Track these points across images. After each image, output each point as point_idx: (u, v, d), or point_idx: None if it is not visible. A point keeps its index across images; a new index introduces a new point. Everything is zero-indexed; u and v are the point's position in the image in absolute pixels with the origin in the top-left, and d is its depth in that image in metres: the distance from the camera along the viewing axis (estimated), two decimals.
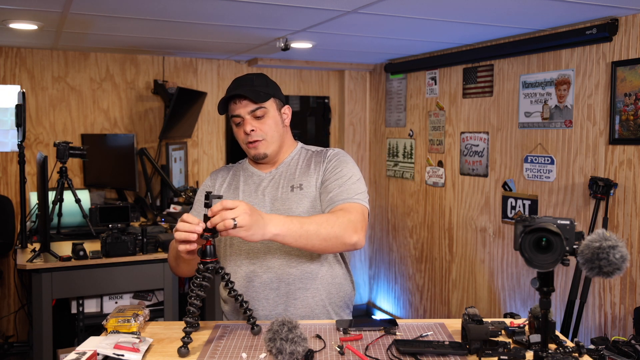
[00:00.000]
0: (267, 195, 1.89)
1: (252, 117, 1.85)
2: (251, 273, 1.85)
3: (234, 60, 4.95)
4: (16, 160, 4.19)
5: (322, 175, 1.88)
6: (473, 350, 1.49)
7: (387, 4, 2.78)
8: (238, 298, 1.66)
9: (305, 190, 1.87)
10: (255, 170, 1.97)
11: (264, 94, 1.85)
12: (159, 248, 3.35)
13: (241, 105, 1.84)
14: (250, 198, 1.90)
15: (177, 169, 4.61)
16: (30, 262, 3.03)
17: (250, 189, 1.93)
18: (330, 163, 1.89)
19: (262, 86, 1.87)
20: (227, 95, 1.85)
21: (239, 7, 2.87)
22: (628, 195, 3.06)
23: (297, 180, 1.89)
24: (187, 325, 1.54)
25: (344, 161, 1.90)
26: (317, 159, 1.93)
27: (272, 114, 1.88)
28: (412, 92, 4.74)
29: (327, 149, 1.96)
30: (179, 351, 1.51)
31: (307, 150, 1.99)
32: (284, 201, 1.86)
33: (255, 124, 1.85)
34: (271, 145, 1.89)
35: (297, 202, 1.85)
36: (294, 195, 1.86)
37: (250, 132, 1.85)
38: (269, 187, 1.91)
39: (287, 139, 1.97)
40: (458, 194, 4.28)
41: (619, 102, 3.07)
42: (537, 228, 1.35)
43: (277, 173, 1.94)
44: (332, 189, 1.83)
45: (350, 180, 1.84)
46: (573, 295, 3.04)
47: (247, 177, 1.97)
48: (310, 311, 1.85)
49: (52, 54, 4.42)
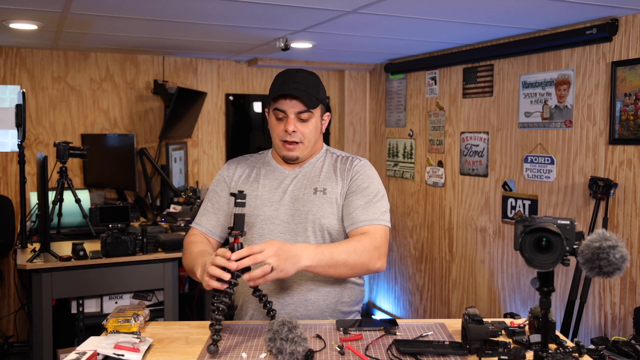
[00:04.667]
0: (288, 194, 1.88)
1: (296, 118, 1.83)
2: None
3: (234, 60, 4.95)
4: (16, 160, 4.19)
5: (347, 187, 1.87)
6: (473, 350, 1.49)
7: (387, 4, 2.78)
8: (262, 298, 1.66)
9: (328, 196, 1.86)
10: (279, 166, 1.95)
11: (315, 100, 1.83)
12: (159, 248, 3.35)
13: (290, 104, 1.82)
14: (270, 193, 1.89)
15: (177, 169, 4.61)
16: (30, 262, 3.03)
17: (272, 184, 1.91)
18: (357, 175, 1.88)
19: (314, 89, 1.84)
20: (280, 91, 1.81)
21: (239, 7, 2.87)
22: (628, 195, 3.06)
23: (321, 183, 1.88)
24: (216, 323, 1.51)
25: (370, 175, 1.89)
26: (343, 166, 1.92)
27: (316, 120, 1.87)
28: (412, 92, 4.74)
29: (354, 158, 1.94)
30: (208, 349, 1.49)
31: (333, 154, 1.98)
32: (304, 202, 1.85)
33: (298, 126, 1.83)
34: (306, 149, 1.88)
35: (318, 206, 1.84)
36: (316, 199, 1.85)
37: (291, 132, 1.83)
38: (291, 185, 1.89)
39: (319, 142, 1.96)
40: (458, 194, 4.28)
41: (619, 102, 3.07)
42: (537, 228, 1.35)
43: (300, 172, 1.92)
44: (357, 206, 1.82)
45: (375, 197, 1.84)
46: (573, 295, 3.04)
47: (268, 172, 1.95)
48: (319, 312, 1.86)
49: (52, 54, 4.42)
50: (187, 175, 4.81)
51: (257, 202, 1.88)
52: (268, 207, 1.87)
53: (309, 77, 1.86)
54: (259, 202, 1.88)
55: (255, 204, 1.88)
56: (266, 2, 2.74)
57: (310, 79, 1.86)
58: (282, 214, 1.86)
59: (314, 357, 1.48)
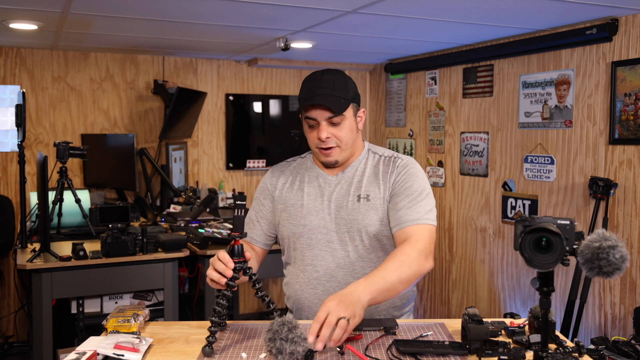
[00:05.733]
0: (332, 202, 1.85)
1: (328, 123, 1.78)
2: (314, 280, 1.84)
3: (234, 60, 4.95)
4: (16, 160, 4.19)
5: (391, 188, 1.82)
6: (473, 350, 1.49)
7: (387, 4, 2.77)
8: (265, 299, 1.66)
9: (372, 202, 1.82)
10: (322, 172, 1.90)
11: (344, 101, 1.78)
12: (159, 248, 3.35)
13: (319, 111, 1.77)
14: (315, 202, 1.86)
15: (177, 169, 4.61)
16: (30, 262, 3.03)
17: (316, 192, 1.87)
18: (400, 176, 1.83)
19: (342, 91, 1.79)
20: (307, 101, 1.77)
21: (239, 7, 2.87)
22: (628, 195, 3.06)
23: (365, 189, 1.84)
24: (213, 324, 1.53)
25: (414, 173, 1.83)
26: (386, 167, 1.86)
27: (349, 121, 1.81)
28: (412, 92, 4.74)
29: (397, 157, 1.88)
30: (203, 350, 1.50)
31: (375, 154, 1.92)
32: (349, 211, 1.82)
33: (331, 130, 1.78)
34: (344, 152, 1.83)
35: (363, 214, 1.81)
36: (361, 206, 1.82)
37: (325, 139, 1.78)
38: (335, 192, 1.86)
39: (358, 142, 1.90)
40: (458, 194, 4.28)
41: (619, 102, 3.07)
42: (537, 228, 1.35)
43: (343, 177, 1.88)
44: (402, 207, 1.77)
45: (420, 196, 1.79)
46: (573, 295, 3.04)
47: (311, 178, 1.91)
48: (369, 315, 1.82)
49: (52, 54, 4.42)
50: (187, 175, 4.81)
51: (303, 211, 1.86)
52: (314, 217, 1.85)
53: (336, 79, 1.81)
54: (305, 212, 1.86)
55: (302, 214, 1.86)
56: (266, 2, 2.74)
57: (337, 80, 1.81)
58: (328, 223, 1.84)
59: (314, 357, 1.48)
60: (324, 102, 1.74)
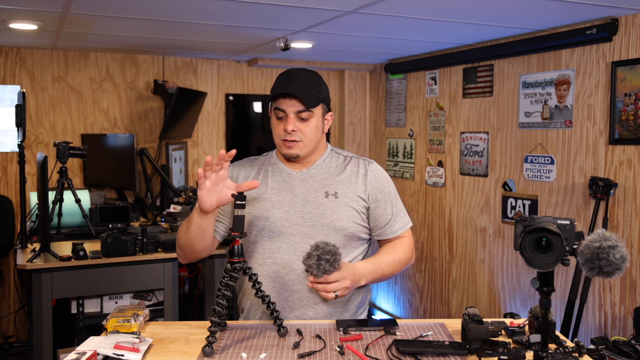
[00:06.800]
0: (298, 196, 1.87)
1: (296, 117, 1.83)
2: (273, 273, 1.85)
3: (234, 60, 4.95)
4: (16, 160, 4.20)
5: (369, 194, 1.91)
6: (473, 350, 1.49)
7: (387, 4, 2.77)
8: (265, 299, 1.66)
9: (341, 200, 1.87)
10: (285, 168, 1.94)
11: (315, 99, 1.83)
12: (159, 248, 3.35)
13: (289, 103, 1.82)
14: (279, 196, 1.88)
15: (177, 169, 4.61)
16: (30, 262, 3.03)
17: (280, 186, 1.90)
18: (377, 182, 1.93)
19: (315, 89, 1.84)
20: (280, 90, 1.82)
21: (239, 7, 2.87)
22: (628, 195, 3.06)
23: (332, 187, 1.88)
24: (212, 324, 1.54)
25: (387, 179, 1.98)
26: (354, 168, 1.93)
27: (316, 119, 1.86)
28: (412, 92, 4.74)
29: (364, 160, 1.97)
30: (203, 350, 1.51)
31: (339, 155, 1.98)
32: (317, 206, 1.85)
33: (297, 125, 1.83)
34: (306, 148, 1.87)
35: (331, 210, 1.85)
36: (329, 202, 1.86)
37: (290, 132, 1.83)
38: (300, 187, 1.89)
39: (322, 142, 1.95)
40: (458, 194, 4.28)
41: (619, 102, 3.07)
42: (537, 228, 1.35)
43: (308, 174, 1.92)
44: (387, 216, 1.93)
45: (398, 202, 1.97)
46: (573, 295, 3.04)
47: (275, 173, 1.94)
48: (328, 317, 1.87)
49: (52, 54, 4.42)
50: (187, 175, 4.81)
51: (266, 204, 1.87)
52: (278, 210, 1.86)
53: (310, 77, 1.86)
54: (268, 205, 1.87)
55: (265, 206, 1.87)
56: (266, 2, 2.74)
57: (311, 78, 1.86)
58: (293, 216, 1.85)
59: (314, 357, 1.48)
60: (297, 93, 1.80)
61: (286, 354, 1.52)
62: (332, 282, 1.66)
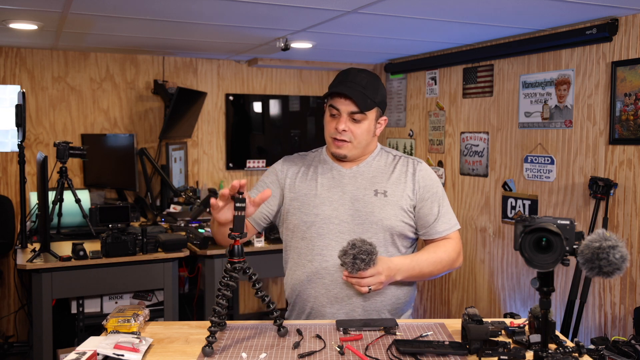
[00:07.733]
0: (347, 193, 1.88)
1: (349, 118, 1.84)
2: (323, 270, 1.85)
3: (234, 60, 4.95)
4: (16, 160, 4.19)
5: (417, 193, 1.90)
6: (473, 350, 1.49)
7: (387, 4, 2.77)
8: (265, 299, 1.66)
9: (390, 199, 1.87)
10: (335, 165, 1.95)
11: (371, 102, 1.84)
12: (159, 248, 3.35)
13: (344, 103, 1.83)
14: (328, 192, 1.89)
15: (177, 169, 4.61)
16: (30, 262, 3.03)
17: (330, 183, 1.91)
18: (425, 181, 1.92)
19: (371, 92, 1.84)
20: (337, 88, 1.83)
21: (239, 7, 2.87)
22: (628, 195, 3.06)
23: (382, 185, 1.89)
24: (212, 324, 1.54)
25: (436, 179, 1.96)
26: (403, 168, 1.93)
27: (369, 122, 1.87)
28: (412, 92, 4.74)
29: (414, 160, 1.96)
30: (203, 350, 1.51)
31: (388, 153, 1.99)
32: (366, 204, 1.86)
33: (349, 125, 1.84)
34: (355, 150, 1.88)
35: (380, 208, 1.85)
36: (377, 201, 1.86)
37: (341, 131, 1.84)
38: (350, 184, 1.90)
39: (372, 145, 1.96)
40: (458, 194, 4.28)
41: (619, 102, 3.07)
42: (537, 228, 1.35)
43: (358, 171, 1.92)
44: (434, 217, 1.91)
45: (445, 203, 1.96)
46: (573, 295, 3.04)
47: (325, 170, 1.94)
48: (377, 314, 1.87)
49: (52, 54, 4.42)
50: (187, 175, 4.81)
51: (315, 201, 1.88)
52: (327, 207, 1.87)
53: (369, 79, 1.86)
54: (317, 201, 1.88)
55: (314, 203, 1.88)
56: (266, 2, 2.74)
57: (370, 81, 1.86)
58: (341, 213, 1.86)
59: (314, 357, 1.48)
60: (352, 95, 1.80)
61: (286, 354, 1.52)
62: (367, 277, 1.67)
